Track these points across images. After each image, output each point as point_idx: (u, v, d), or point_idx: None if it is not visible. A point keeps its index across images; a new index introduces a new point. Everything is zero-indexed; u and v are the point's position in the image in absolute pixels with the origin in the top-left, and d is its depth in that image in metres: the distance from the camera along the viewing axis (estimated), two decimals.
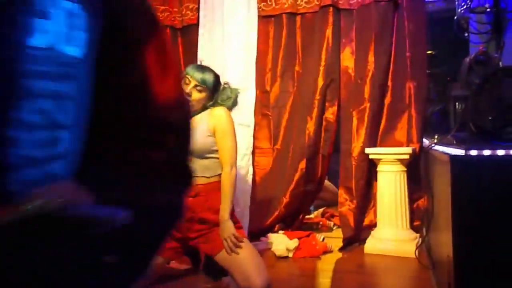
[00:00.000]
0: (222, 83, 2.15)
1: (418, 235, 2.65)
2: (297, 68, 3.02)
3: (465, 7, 2.73)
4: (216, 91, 2.12)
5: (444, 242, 1.86)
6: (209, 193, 2.01)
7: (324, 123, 2.96)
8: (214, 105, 2.11)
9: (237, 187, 2.76)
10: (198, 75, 2.02)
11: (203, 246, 2.05)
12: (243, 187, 3.02)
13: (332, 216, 3.40)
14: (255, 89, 3.04)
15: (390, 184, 2.66)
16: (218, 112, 1.97)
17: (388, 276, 2.33)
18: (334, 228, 3.21)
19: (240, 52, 3.11)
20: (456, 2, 2.93)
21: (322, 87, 2.92)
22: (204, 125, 1.96)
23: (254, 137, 3.02)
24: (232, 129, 1.98)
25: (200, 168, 1.98)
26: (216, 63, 3.13)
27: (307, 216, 3.28)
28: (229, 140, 1.96)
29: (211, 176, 1.98)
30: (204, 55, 3.18)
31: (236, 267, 1.93)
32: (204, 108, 2.07)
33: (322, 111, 2.94)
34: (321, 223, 3.24)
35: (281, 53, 3.04)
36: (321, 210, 3.52)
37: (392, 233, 2.63)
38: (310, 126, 2.93)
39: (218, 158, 1.98)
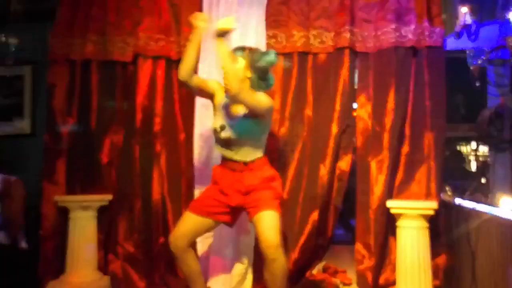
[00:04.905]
0: None
1: None
2: (307, 111, 2.80)
3: (484, 58, 2.69)
4: None
5: None
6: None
7: (337, 171, 2.73)
8: None
9: (239, 241, 2.49)
10: None
11: None
12: (244, 241, 2.70)
13: (336, 272, 3.12)
14: None
15: (412, 241, 2.46)
16: None
17: None
18: (342, 287, 2.93)
19: None
20: (468, 52, 2.89)
21: (337, 134, 2.72)
22: None
23: None
24: None
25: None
26: None
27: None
28: None
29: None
30: None
31: None
32: None
33: (335, 159, 2.72)
34: (326, 280, 2.95)
35: (291, 94, 2.82)
36: (321, 265, 3.23)
37: None
38: (324, 175, 2.69)
39: None
